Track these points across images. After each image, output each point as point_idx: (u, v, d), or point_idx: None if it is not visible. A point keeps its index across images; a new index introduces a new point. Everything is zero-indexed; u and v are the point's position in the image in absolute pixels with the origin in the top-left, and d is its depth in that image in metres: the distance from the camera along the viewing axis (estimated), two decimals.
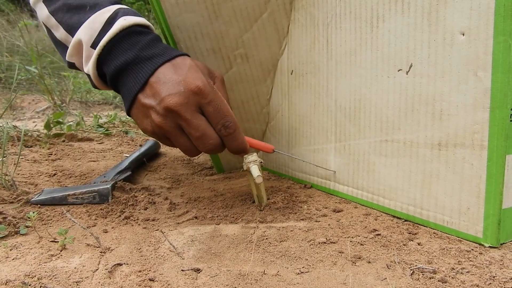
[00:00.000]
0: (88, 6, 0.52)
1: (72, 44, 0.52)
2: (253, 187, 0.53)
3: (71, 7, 0.53)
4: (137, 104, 0.50)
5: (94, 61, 0.51)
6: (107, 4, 0.52)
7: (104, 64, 0.51)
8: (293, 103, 0.62)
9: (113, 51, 0.50)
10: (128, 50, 0.49)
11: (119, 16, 0.51)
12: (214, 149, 0.50)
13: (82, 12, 0.52)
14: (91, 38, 0.50)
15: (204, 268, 0.39)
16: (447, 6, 0.41)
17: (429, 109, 0.44)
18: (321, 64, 0.56)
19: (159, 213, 0.53)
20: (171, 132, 0.49)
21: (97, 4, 0.52)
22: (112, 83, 0.52)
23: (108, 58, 0.50)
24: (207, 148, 0.49)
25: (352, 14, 0.51)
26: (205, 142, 0.49)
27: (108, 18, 0.50)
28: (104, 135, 1.02)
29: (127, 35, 0.50)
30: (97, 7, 0.52)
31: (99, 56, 0.50)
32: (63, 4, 0.54)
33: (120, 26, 0.49)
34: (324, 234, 0.45)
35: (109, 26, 0.50)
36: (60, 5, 0.54)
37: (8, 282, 0.36)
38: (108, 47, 0.50)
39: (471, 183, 0.42)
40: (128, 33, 0.50)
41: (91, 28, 0.50)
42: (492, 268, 0.37)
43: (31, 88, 1.57)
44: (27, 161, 0.76)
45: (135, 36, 0.50)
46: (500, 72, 0.38)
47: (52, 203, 0.55)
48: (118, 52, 0.50)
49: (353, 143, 0.54)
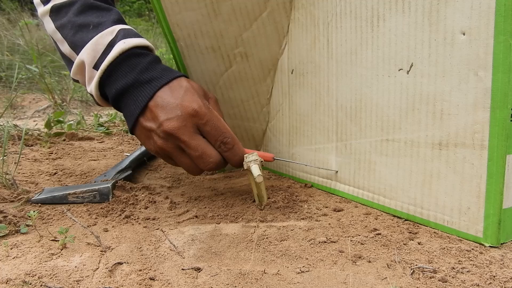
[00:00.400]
0: (91, 25, 0.54)
1: (76, 64, 0.55)
2: (254, 186, 0.53)
3: (75, 25, 0.55)
4: (139, 127, 0.53)
5: (96, 83, 0.53)
6: (110, 24, 0.54)
7: (106, 86, 0.53)
8: (294, 103, 0.62)
9: (113, 74, 0.52)
10: (128, 73, 0.52)
11: (119, 39, 0.52)
12: (215, 167, 0.52)
13: (85, 30, 0.54)
14: (93, 60, 0.53)
15: (204, 267, 0.39)
16: (447, 6, 0.41)
17: (429, 109, 0.44)
18: (322, 63, 0.56)
19: (160, 212, 0.53)
20: (173, 153, 0.52)
21: (100, 24, 0.54)
22: (114, 104, 0.54)
23: (109, 81, 0.52)
24: (208, 167, 0.52)
25: (352, 14, 0.51)
26: (205, 161, 0.51)
27: (110, 41, 0.53)
28: (104, 134, 1.02)
29: (127, 58, 0.52)
30: (99, 27, 0.54)
31: (101, 79, 0.53)
32: (68, 21, 0.56)
33: (119, 49, 0.51)
34: (324, 234, 0.45)
35: (110, 49, 0.52)
36: (66, 22, 0.56)
37: (8, 281, 0.36)
38: (109, 70, 0.52)
39: (471, 183, 0.42)
40: (128, 55, 0.52)
41: (94, 50, 0.52)
42: (492, 268, 0.37)
43: (31, 87, 1.58)
44: (28, 160, 0.76)
45: (134, 59, 0.52)
46: (501, 72, 0.38)
47: (52, 202, 0.55)
48: (118, 75, 0.52)
49: (354, 142, 0.54)
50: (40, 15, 0.60)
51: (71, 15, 0.56)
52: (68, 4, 0.56)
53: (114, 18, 0.56)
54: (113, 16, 0.56)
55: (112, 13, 0.57)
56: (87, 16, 0.55)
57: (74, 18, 0.55)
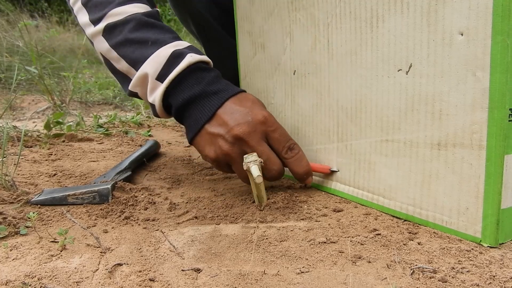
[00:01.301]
0: (149, 41, 0.56)
1: (137, 76, 0.56)
2: (253, 187, 0.53)
3: (133, 42, 0.56)
4: (203, 133, 0.54)
5: (161, 93, 0.55)
6: (170, 40, 0.56)
7: (170, 96, 0.55)
8: (296, 103, 0.63)
9: (180, 85, 0.54)
10: (195, 85, 0.54)
11: (187, 53, 0.55)
12: (277, 175, 0.54)
13: (144, 47, 0.56)
14: (156, 71, 0.54)
15: (204, 268, 0.39)
16: (445, 6, 0.41)
17: (428, 109, 0.44)
18: (323, 64, 0.56)
19: (159, 213, 0.53)
20: (236, 158, 0.53)
21: (158, 40, 0.56)
22: (177, 114, 0.56)
23: (176, 92, 0.54)
24: (271, 174, 0.54)
25: (352, 14, 0.51)
26: (269, 168, 0.53)
27: (172, 53, 0.55)
28: (104, 135, 1.02)
29: (193, 71, 0.55)
30: (158, 43, 0.56)
31: (167, 89, 0.54)
32: (124, 39, 0.57)
33: (188, 62, 0.54)
34: (324, 234, 0.45)
35: (177, 61, 0.54)
36: (122, 40, 0.57)
37: (8, 283, 0.36)
38: (176, 81, 0.54)
39: (469, 183, 0.42)
40: (194, 69, 0.55)
41: (156, 62, 0.54)
42: (492, 268, 0.37)
43: (31, 88, 1.57)
44: (27, 161, 0.76)
45: (200, 72, 0.55)
46: (498, 72, 0.38)
47: (52, 203, 0.55)
48: (185, 86, 0.54)
49: (354, 143, 0.54)
50: (91, 36, 0.60)
51: (127, 33, 0.57)
52: (122, 23, 0.57)
53: (172, 36, 0.58)
54: (170, 34, 0.58)
55: (167, 30, 0.59)
56: (143, 33, 0.57)
57: (131, 35, 0.56)
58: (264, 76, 0.68)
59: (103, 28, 0.58)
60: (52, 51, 2.00)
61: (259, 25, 0.66)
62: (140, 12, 0.58)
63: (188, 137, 0.56)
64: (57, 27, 3.27)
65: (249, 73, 0.71)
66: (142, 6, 0.60)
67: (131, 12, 0.58)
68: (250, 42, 0.69)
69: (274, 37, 0.64)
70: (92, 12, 0.60)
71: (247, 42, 0.70)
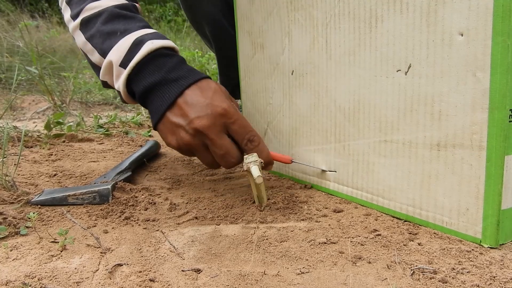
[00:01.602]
0: (118, 32, 0.57)
1: (104, 65, 0.58)
2: (254, 187, 0.53)
3: (104, 33, 0.58)
4: (165, 121, 0.55)
5: (124, 80, 0.56)
6: (136, 29, 0.58)
7: (133, 83, 0.56)
8: (294, 103, 0.63)
9: (141, 72, 0.55)
10: (156, 72, 0.55)
11: (147, 40, 0.56)
12: (233, 166, 0.56)
13: (113, 37, 0.57)
14: (119, 58, 0.56)
15: (204, 268, 0.39)
16: (445, 7, 0.41)
17: (428, 110, 0.44)
18: (321, 64, 0.56)
19: (160, 214, 0.53)
20: (197, 149, 0.55)
21: (127, 30, 0.57)
22: (141, 100, 0.57)
23: (137, 78, 0.55)
24: (228, 164, 0.55)
25: (350, 14, 0.51)
26: (227, 160, 0.55)
27: (135, 40, 0.56)
28: (104, 135, 1.02)
29: (154, 57, 0.55)
30: (126, 32, 0.57)
31: (129, 76, 0.56)
32: (97, 31, 0.59)
33: (148, 49, 0.54)
34: (324, 235, 0.45)
35: (137, 48, 0.55)
36: (94, 32, 0.59)
37: (8, 283, 0.36)
38: (137, 68, 0.55)
39: (470, 184, 0.42)
40: (155, 55, 0.55)
41: (119, 50, 0.56)
42: (492, 268, 0.37)
43: (31, 88, 1.58)
44: (28, 161, 0.76)
45: (161, 59, 0.55)
46: (499, 73, 0.38)
47: (52, 204, 0.55)
48: (146, 74, 0.55)
49: (353, 143, 0.54)
50: (72, 31, 0.63)
51: (99, 25, 0.59)
52: (96, 15, 0.59)
53: (140, 25, 0.59)
54: (139, 23, 0.59)
55: (137, 20, 0.60)
56: (114, 24, 0.58)
57: (102, 27, 0.58)
58: (263, 76, 0.68)
59: (80, 22, 0.60)
60: (53, 51, 2.00)
61: (258, 25, 0.66)
62: (113, 4, 0.60)
63: (152, 124, 0.57)
64: (58, 28, 3.27)
65: (249, 73, 0.72)
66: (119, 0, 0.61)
67: (105, 5, 0.60)
68: (250, 42, 0.69)
69: (273, 37, 0.64)
70: (73, 8, 0.63)
71: (246, 42, 0.70)
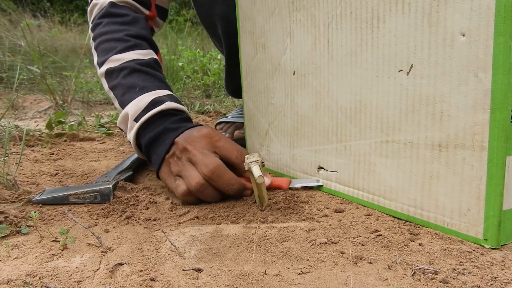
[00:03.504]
0: (138, 87, 0.63)
1: (121, 115, 0.63)
2: (255, 187, 0.53)
3: (124, 87, 0.64)
4: (164, 164, 0.59)
5: (134, 133, 0.61)
6: (154, 88, 0.64)
7: (141, 137, 0.61)
8: (296, 104, 0.63)
9: (148, 127, 0.60)
10: (160, 125, 0.60)
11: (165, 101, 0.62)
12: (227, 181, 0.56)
13: (132, 91, 0.63)
14: (135, 113, 0.61)
15: (205, 268, 0.39)
16: (447, 7, 0.41)
17: (429, 110, 0.44)
18: (322, 64, 0.56)
19: (161, 213, 0.53)
20: (182, 167, 0.56)
21: (145, 87, 0.63)
22: (146, 153, 0.62)
23: (144, 132, 0.61)
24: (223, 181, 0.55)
25: (352, 15, 0.51)
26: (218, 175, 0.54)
27: (152, 100, 0.61)
28: (105, 135, 1.03)
29: (164, 115, 0.61)
30: (145, 89, 0.63)
31: (138, 130, 0.61)
32: (118, 83, 0.65)
33: (159, 109, 0.60)
34: (325, 235, 0.45)
35: (153, 107, 0.61)
36: (116, 84, 0.66)
37: (9, 282, 0.36)
38: (146, 123, 0.60)
39: (471, 185, 0.42)
40: (165, 114, 0.61)
41: (137, 105, 0.61)
42: (493, 269, 0.37)
43: (33, 88, 1.58)
44: (29, 160, 0.76)
45: (168, 116, 0.61)
46: (501, 73, 0.38)
47: (53, 203, 0.55)
48: (152, 127, 0.60)
49: (354, 143, 0.54)
50: (98, 75, 0.70)
51: (120, 78, 0.65)
52: (119, 69, 0.66)
53: (158, 84, 0.65)
54: (157, 81, 0.65)
55: (155, 78, 0.66)
56: (134, 79, 0.65)
57: (123, 81, 0.65)
58: (265, 76, 0.68)
59: (104, 72, 0.68)
60: (54, 50, 2.01)
61: (260, 25, 0.66)
62: (136, 59, 0.67)
63: (155, 173, 0.61)
64: (59, 27, 3.27)
65: (250, 73, 0.72)
66: (141, 52, 0.68)
67: (128, 59, 0.66)
68: (252, 42, 0.69)
69: (274, 37, 0.64)
70: (99, 55, 0.70)
71: (248, 42, 0.70)
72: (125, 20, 0.71)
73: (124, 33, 0.69)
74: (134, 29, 0.71)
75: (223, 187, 0.54)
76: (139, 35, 0.70)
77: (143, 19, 0.74)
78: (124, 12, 0.72)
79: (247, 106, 0.75)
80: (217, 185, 0.54)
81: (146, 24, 0.74)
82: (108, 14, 0.72)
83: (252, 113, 0.74)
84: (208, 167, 0.53)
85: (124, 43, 0.68)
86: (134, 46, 0.68)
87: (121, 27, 0.70)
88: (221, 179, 0.53)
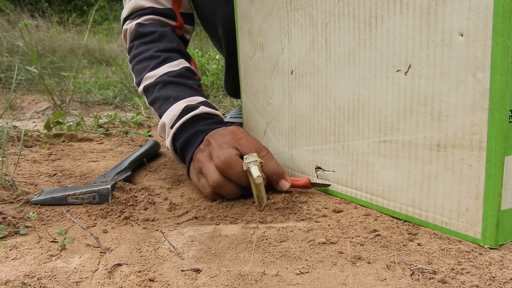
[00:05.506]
0: (171, 98, 0.67)
1: (160, 125, 0.68)
2: (253, 187, 0.53)
3: (160, 99, 0.69)
4: (193, 161, 0.61)
5: (170, 139, 0.64)
6: (186, 96, 0.67)
7: (176, 141, 0.64)
8: (293, 103, 0.63)
9: (182, 131, 0.63)
10: (192, 128, 0.63)
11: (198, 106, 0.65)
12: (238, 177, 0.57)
13: (167, 102, 0.67)
14: (170, 121, 0.65)
15: (204, 268, 0.39)
16: (445, 7, 0.41)
17: (427, 110, 0.44)
18: (320, 64, 0.56)
19: (159, 214, 0.53)
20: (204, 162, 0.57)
21: (178, 96, 0.67)
22: (181, 157, 0.65)
23: (178, 137, 0.64)
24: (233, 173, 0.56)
25: (350, 14, 0.51)
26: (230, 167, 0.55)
27: (185, 107, 0.65)
28: (104, 135, 1.02)
29: (196, 119, 0.64)
30: (178, 99, 0.66)
31: (174, 134, 0.64)
32: (154, 98, 0.70)
33: (193, 114, 0.63)
34: (324, 235, 0.45)
35: (185, 114, 0.64)
36: (153, 98, 0.70)
37: (7, 282, 0.36)
38: (180, 128, 0.63)
39: (469, 184, 0.42)
40: (198, 118, 0.64)
41: (171, 113, 0.65)
42: (492, 269, 0.37)
43: (31, 88, 1.58)
44: (27, 161, 0.76)
45: (201, 120, 0.64)
46: (499, 73, 0.38)
47: (52, 203, 0.55)
48: (185, 131, 0.63)
49: (352, 143, 0.54)
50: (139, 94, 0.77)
51: (156, 93, 0.70)
52: (153, 84, 0.70)
53: (190, 92, 0.68)
54: (189, 90, 0.69)
55: (187, 86, 0.69)
56: (167, 91, 0.69)
57: (158, 94, 0.69)
58: (263, 76, 0.68)
59: (143, 90, 0.73)
60: (52, 51, 2.00)
61: (258, 24, 0.66)
62: (168, 72, 0.70)
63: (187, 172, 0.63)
64: (58, 27, 3.27)
65: (249, 73, 0.72)
66: (172, 64, 0.72)
67: (161, 73, 0.70)
68: (250, 41, 0.69)
69: (272, 37, 0.64)
70: (136, 76, 0.75)
71: (246, 42, 0.70)
72: (153, 38, 0.75)
73: (153, 50, 0.73)
74: (162, 44, 0.74)
75: (236, 179, 0.54)
76: (168, 48, 0.74)
77: (170, 31, 0.77)
78: (151, 30, 0.76)
79: (245, 106, 0.75)
80: (230, 176, 0.54)
81: (174, 35, 0.77)
82: (138, 36, 0.77)
83: (251, 113, 0.74)
84: (220, 158, 0.54)
85: (155, 59, 0.72)
86: (164, 60, 0.72)
87: (150, 45, 0.75)
88: (232, 171, 0.54)
